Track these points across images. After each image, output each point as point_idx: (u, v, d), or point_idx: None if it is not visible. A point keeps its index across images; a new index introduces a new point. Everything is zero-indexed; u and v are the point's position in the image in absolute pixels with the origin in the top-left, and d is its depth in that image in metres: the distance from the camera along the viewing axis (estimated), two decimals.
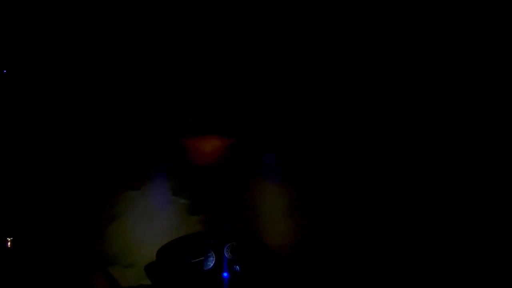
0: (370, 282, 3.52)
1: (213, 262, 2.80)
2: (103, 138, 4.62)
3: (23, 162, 4.33)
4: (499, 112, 4.09)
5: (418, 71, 4.36)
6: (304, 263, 3.72)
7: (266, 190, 4.33)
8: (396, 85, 4.47)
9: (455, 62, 4.21)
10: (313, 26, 4.49)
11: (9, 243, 3.43)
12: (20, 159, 4.34)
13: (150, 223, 3.95)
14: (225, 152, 4.61)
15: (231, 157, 4.54)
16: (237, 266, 2.82)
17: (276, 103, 4.73)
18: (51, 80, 4.59)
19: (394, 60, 4.40)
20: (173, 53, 4.66)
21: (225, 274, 2.78)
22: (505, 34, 3.96)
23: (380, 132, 4.54)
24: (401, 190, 4.22)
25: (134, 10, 4.40)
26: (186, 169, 4.51)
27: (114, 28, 4.46)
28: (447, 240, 3.82)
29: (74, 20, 4.38)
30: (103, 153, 4.53)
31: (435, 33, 4.20)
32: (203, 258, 2.80)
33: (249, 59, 4.63)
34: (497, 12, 3.92)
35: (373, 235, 3.95)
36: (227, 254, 2.85)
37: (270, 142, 4.66)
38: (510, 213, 3.83)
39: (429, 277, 3.56)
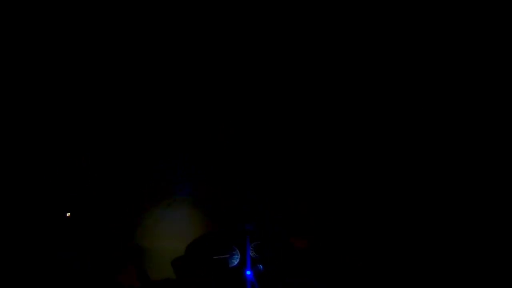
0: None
1: (238, 260, 2.89)
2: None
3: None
4: (499, 112, 4.08)
5: (418, 71, 4.35)
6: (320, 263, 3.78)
7: None
8: (396, 85, 4.46)
9: (455, 62, 4.20)
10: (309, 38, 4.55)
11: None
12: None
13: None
14: None
15: None
16: (261, 265, 2.90)
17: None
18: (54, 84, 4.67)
19: (394, 60, 4.40)
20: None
21: (248, 272, 2.87)
22: (505, 34, 3.95)
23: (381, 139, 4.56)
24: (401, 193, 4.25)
25: (134, 10, 4.46)
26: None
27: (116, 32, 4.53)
28: (448, 240, 3.90)
29: (76, 21, 4.44)
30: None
31: (435, 33, 4.19)
32: (228, 255, 2.89)
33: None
34: (497, 12, 3.91)
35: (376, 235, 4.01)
36: (251, 253, 2.94)
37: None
38: (510, 213, 3.86)
39: (430, 277, 3.66)
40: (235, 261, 2.93)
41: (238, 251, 2.96)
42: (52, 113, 4.59)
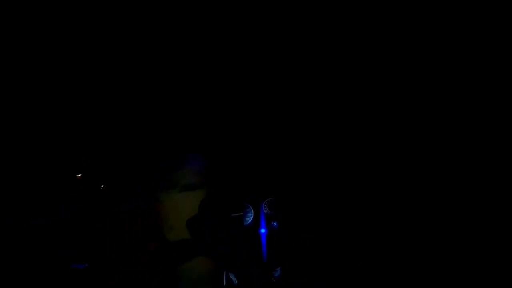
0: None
1: (252, 217, 2.86)
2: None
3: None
4: (499, 112, 4.12)
5: (418, 71, 4.47)
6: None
7: None
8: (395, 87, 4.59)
9: (455, 62, 4.30)
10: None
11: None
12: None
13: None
14: None
15: None
16: (275, 223, 2.88)
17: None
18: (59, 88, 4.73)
19: (393, 61, 4.53)
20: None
21: (263, 230, 2.84)
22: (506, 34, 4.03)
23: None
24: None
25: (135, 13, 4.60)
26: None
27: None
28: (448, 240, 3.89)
29: (75, 21, 4.52)
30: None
31: (435, 33, 4.34)
32: (242, 213, 2.86)
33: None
34: (497, 12, 4.00)
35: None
36: (265, 210, 2.91)
37: None
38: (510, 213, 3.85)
39: (430, 277, 3.65)
40: (249, 219, 2.89)
41: (251, 208, 2.93)
42: (52, 113, 4.61)
